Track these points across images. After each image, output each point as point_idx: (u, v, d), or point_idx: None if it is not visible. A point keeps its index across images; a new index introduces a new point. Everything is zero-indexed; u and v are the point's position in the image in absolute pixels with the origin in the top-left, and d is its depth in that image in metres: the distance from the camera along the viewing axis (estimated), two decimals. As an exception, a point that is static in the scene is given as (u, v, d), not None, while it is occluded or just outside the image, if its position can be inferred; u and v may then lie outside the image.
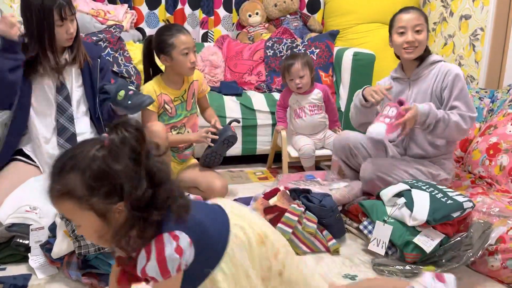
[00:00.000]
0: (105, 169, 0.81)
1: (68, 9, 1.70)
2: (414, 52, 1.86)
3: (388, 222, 1.53)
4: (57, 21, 1.68)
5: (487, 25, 2.64)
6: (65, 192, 0.81)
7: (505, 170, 1.93)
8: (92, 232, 0.85)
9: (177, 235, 0.86)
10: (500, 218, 1.52)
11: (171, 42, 1.93)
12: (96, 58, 1.92)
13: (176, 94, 2.06)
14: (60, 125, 1.83)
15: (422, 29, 1.84)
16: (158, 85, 2.04)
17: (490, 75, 2.68)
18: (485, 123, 2.27)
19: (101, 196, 0.81)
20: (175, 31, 1.95)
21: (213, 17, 3.22)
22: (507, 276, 1.39)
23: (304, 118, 2.34)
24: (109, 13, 2.88)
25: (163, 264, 0.84)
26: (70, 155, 0.83)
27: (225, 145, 2.04)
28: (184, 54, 1.94)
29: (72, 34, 1.75)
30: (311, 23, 3.35)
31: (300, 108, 2.35)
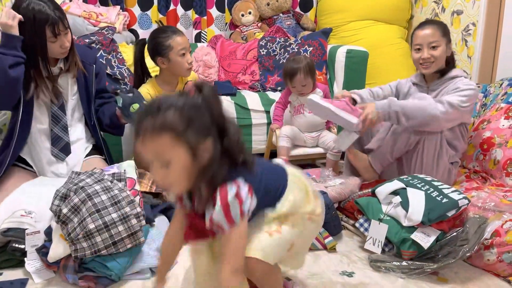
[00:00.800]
0: (199, 107, 0.91)
1: (62, 24, 1.67)
2: (431, 67, 1.94)
3: (383, 220, 1.54)
4: (50, 38, 1.66)
5: (479, 20, 2.66)
6: (165, 126, 0.88)
7: (499, 164, 1.95)
8: (180, 169, 0.91)
9: (239, 183, 0.94)
10: (495, 213, 1.53)
11: (168, 44, 1.94)
12: (91, 63, 1.90)
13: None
14: (54, 135, 1.82)
15: (438, 45, 1.90)
16: (153, 89, 2.03)
17: (483, 69, 2.70)
18: (479, 117, 2.28)
19: (195, 132, 0.89)
20: (171, 32, 1.96)
21: (205, 17, 3.21)
22: (503, 270, 1.40)
23: (305, 114, 2.30)
24: (101, 15, 2.87)
25: (227, 209, 0.92)
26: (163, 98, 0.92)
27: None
28: (181, 55, 1.96)
29: (66, 47, 1.73)
30: (304, 22, 3.35)
31: (300, 105, 2.32)
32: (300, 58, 2.22)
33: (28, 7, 1.63)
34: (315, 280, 1.41)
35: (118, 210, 1.36)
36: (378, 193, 1.63)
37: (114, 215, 1.35)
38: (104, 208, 1.34)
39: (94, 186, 1.39)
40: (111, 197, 1.37)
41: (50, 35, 1.65)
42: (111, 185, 1.42)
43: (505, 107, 2.10)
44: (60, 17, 1.67)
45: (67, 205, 1.35)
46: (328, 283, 1.39)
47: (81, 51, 1.88)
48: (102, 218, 1.33)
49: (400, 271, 1.44)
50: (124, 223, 1.35)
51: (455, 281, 1.41)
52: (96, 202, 1.35)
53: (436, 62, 1.92)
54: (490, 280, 1.41)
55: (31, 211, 1.49)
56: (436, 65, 1.93)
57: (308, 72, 2.21)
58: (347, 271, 1.46)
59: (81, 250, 1.32)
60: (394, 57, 3.06)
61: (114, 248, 1.34)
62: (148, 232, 1.49)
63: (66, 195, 1.39)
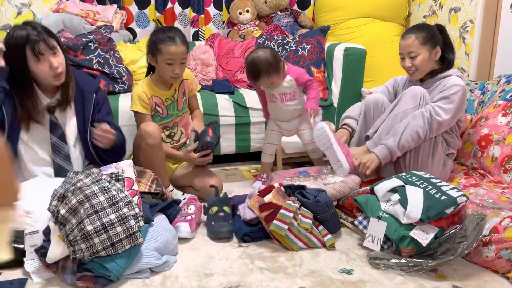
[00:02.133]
0: None
1: (44, 43, 1.58)
2: (415, 74, 1.99)
3: (382, 218, 1.54)
4: (32, 58, 1.59)
5: (476, 17, 2.66)
6: None
7: (497, 161, 1.95)
8: None
9: None
10: (493, 209, 1.54)
11: (159, 48, 1.91)
12: (91, 92, 1.83)
13: (166, 95, 2.05)
14: (57, 165, 1.76)
15: (416, 55, 1.93)
16: (148, 88, 2.02)
17: (480, 67, 2.70)
18: (476, 115, 2.29)
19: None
20: (168, 39, 1.90)
21: (203, 15, 3.21)
22: (502, 266, 1.41)
23: (276, 104, 2.20)
24: (98, 14, 2.86)
25: None
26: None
27: (203, 151, 2.01)
28: (167, 64, 1.93)
29: (57, 69, 1.63)
30: (302, 20, 3.35)
31: (272, 94, 2.21)
32: (258, 60, 2.04)
33: (12, 34, 1.58)
34: (315, 277, 1.41)
35: (116, 211, 1.36)
36: (376, 190, 1.63)
37: (112, 216, 1.35)
38: (102, 209, 1.34)
39: (92, 186, 1.39)
40: (109, 198, 1.37)
41: (30, 54, 1.57)
42: (109, 185, 1.42)
43: (502, 104, 2.10)
44: (43, 37, 1.59)
45: (65, 206, 1.34)
46: (327, 280, 1.40)
47: (81, 80, 1.82)
48: (100, 219, 1.33)
49: (399, 268, 1.44)
50: (123, 224, 1.35)
51: (454, 278, 1.41)
52: (94, 203, 1.34)
53: (419, 70, 1.96)
54: (488, 277, 1.42)
55: (29, 210, 1.49)
56: (419, 73, 1.98)
57: (271, 71, 2.06)
58: (346, 269, 1.47)
59: (79, 251, 1.32)
60: (392, 55, 3.06)
61: (112, 250, 1.33)
62: (146, 231, 1.49)
63: (64, 196, 1.38)
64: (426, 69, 1.97)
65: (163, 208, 1.68)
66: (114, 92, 2.54)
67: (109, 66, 2.54)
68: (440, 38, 1.96)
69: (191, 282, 1.39)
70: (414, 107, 1.90)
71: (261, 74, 2.05)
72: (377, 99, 2.12)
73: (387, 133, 1.94)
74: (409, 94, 1.93)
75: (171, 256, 1.50)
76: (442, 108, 1.86)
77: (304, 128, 2.24)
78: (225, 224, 1.70)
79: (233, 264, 1.50)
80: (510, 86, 2.15)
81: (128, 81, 2.61)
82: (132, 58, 2.70)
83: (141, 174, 1.70)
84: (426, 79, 2.02)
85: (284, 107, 2.18)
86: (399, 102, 1.96)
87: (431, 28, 1.98)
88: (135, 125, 2.35)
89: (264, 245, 1.63)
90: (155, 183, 1.72)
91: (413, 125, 1.85)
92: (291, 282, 1.38)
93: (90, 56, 2.51)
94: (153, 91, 2.02)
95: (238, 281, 1.39)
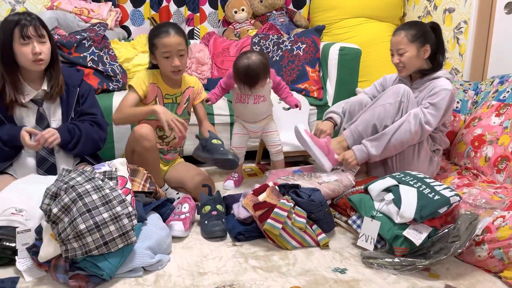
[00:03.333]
0: None
1: (33, 29, 1.65)
2: (403, 71, 2.00)
3: (376, 217, 1.55)
4: (19, 39, 1.64)
5: (471, 18, 2.67)
6: None
7: (490, 161, 1.96)
8: None
9: None
10: (486, 209, 1.55)
11: (155, 43, 1.90)
12: (75, 85, 1.86)
13: (169, 92, 2.02)
14: (40, 156, 1.80)
15: (404, 52, 1.95)
16: (153, 76, 1.99)
17: (474, 67, 2.72)
18: (470, 115, 2.30)
19: None
20: (162, 32, 1.89)
21: (198, 14, 3.20)
22: (494, 265, 1.42)
23: (247, 105, 2.17)
24: (92, 11, 2.85)
25: None
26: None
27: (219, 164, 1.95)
28: (164, 57, 1.89)
29: (39, 55, 1.67)
30: (297, 19, 3.35)
31: (246, 95, 2.15)
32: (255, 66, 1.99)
33: (7, 18, 1.65)
34: (308, 276, 1.41)
35: (109, 209, 1.35)
36: (370, 190, 1.63)
37: (105, 215, 1.34)
38: (95, 208, 1.33)
39: (84, 185, 1.38)
40: (102, 197, 1.36)
41: (17, 35, 1.64)
42: (102, 184, 1.41)
43: (496, 104, 2.11)
44: (34, 23, 1.66)
45: (57, 205, 1.33)
46: (321, 279, 1.40)
47: (66, 73, 1.85)
48: (93, 218, 1.32)
49: (392, 267, 1.45)
50: (116, 223, 1.34)
51: (447, 277, 1.42)
52: (86, 201, 1.33)
53: (406, 67, 1.98)
54: (481, 276, 1.43)
55: (22, 209, 1.48)
56: (407, 70, 1.99)
57: (267, 75, 2.06)
58: (340, 268, 1.47)
59: (71, 250, 1.31)
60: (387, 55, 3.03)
61: (105, 248, 1.33)
62: (140, 230, 1.48)
63: (56, 194, 1.37)
64: (414, 66, 1.98)
65: (156, 206, 1.67)
66: (108, 90, 2.52)
67: (103, 64, 2.53)
68: (431, 37, 1.97)
69: (184, 281, 1.38)
70: (394, 102, 1.91)
71: (259, 79, 2.04)
72: (360, 100, 2.14)
73: (364, 125, 1.96)
74: (392, 90, 1.95)
75: (164, 255, 1.50)
76: (432, 115, 1.87)
77: (270, 130, 2.25)
78: (218, 223, 1.70)
79: (227, 263, 1.50)
80: (504, 87, 2.16)
81: (122, 79, 2.60)
82: (126, 56, 2.69)
83: (134, 172, 1.69)
84: (416, 79, 2.03)
85: (255, 108, 2.17)
86: (381, 96, 1.98)
87: (422, 26, 1.98)
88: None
89: (258, 244, 1.63)
90: (149, 181, 1.71)
91: (401, 136, 1.87)
92: (284, 281, 1.38)
93: (84, 53, 2.50)
94: (157, 81, 1.99)
95: (232, 280, 1.39)
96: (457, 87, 2.43)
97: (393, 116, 1.92)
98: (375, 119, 1.94)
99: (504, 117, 2.02)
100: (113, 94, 2.47)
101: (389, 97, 1.93)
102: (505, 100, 2.09)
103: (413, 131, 1.86)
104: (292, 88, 2.74)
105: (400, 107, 1.91)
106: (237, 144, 2.27)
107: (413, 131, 1.86)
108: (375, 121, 1.94)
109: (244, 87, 2.06)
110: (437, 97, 1.89)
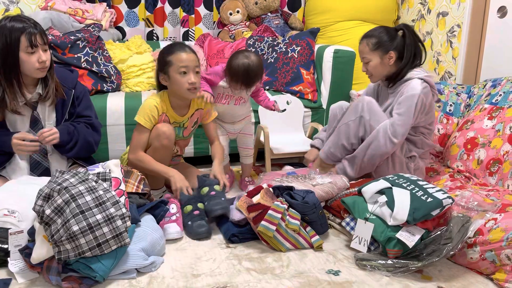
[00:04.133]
0: None
1: (40, 37, 1.66)
2: (372, 78, 2.05)
3: (369, 219, 1.55)
4: (26, 48, 1.63)
5: (464, 21, 2.70)
6: None
7: (483, 164, 1.98)
8: None
9: None
10: (478, 212, 1.56)
11: (169, 59, 1.82)
12: (70, 88, 1.84)
13: (176, 119, 1.96)
14: (33, 160, 1.79)
15: (367, 60, 1.99)
16: (163, 104, 1.91)
17: (467, 71, 2.74)
18: (463, 118, 2.32)
19: None
20: (177, 49, 1.84)
21: (193, 15, 3.20)
22: (486, 267, 1.43)
23: (228, 106, 2.15)
24: (87, 12, 2.84)
25: None
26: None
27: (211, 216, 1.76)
28: (181, 73, 1.82)
29: (44, 63, 1.68)
30: (292, 21, 3.36)
31: (228, 95, 2.13)
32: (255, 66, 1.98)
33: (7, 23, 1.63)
34: (302, 278, 1.41)
35: (103, 211, 1.35)
36: (364, 192, 1.64)
37: (99, 217, 1.33)
38: (89, 210, 1.33)
39: (78, 186, 1.37)
40: (95, 198, 1.36)
41: (26, 44, 1.63)
42: (96, 185, 1.41)
43: (488, 107, 2.13)
44: (40, 31, 1.66)
45: (50, 206, 1.33)
46: (315, 281, 1.40)
47: (60, 75, 1.83)
48: (86, 219, 1.31)
49: (385, 269, 1.45)
50: (109, 224, 1.34)
51: (439, 279, 1.43)
52: (80, 203, 1.33)
53: (374, 74, 2.01)
54: (473, 278, 1.44)
55: (14, 210, 1.46)
56: (375, 77, 2.02)
57: (262, 75, 2.07)
58: (333, 270, 1.48)
59: (64, 252, 1.30)
60: (381, 58, 3.09)
61: (98, 250, 1.32)
62: (133, 232, 1.48)
63: (49, 195, 1.37)
64: (380, 73, 2.00)
65: (150, 208, 1.67)
66: (102, 91, 2.52)
67: (97, 65, 2.52)
68: (395, 43, 1.94)
69: (178, 282, 1.38)
70: (355, 118, 1.94)
71: (258, 79, 2.04)
72: (341, 105, 2.17)
73: (334, 146, 2.01)
74: (352, 106, 1.99)
75: (158, 256, 1.50)
76: (400, 125, 1.85)
77: (247, 132, 2.27)
78: (203, 223, 1.68)
79: (221, 264, 1.50)
80: (496, 90, 2.18)
81: (117, 80, 2.60)
82: (121, 57, 2.68)
83: (128, 174, 1.69)
84: (391, 83, 2.01)
85: (235, 109, 2.17)
86: (344, 114, 2.03)
87: (384, 33, 1.96)
88: (123, 124, 2.34)
89: (252, 246, 1.63)
90: (142, 183, 1.71)
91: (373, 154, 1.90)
92: (278, 283, 1.38)
93: (78, 54, 2.49)
94: (165, 109, 1.92)
95: (225, 282, 1.39)
96: (450, 90, 2.45)
97: (356, 133, 1.95)
98: (342, 139, 1.98)
99: (497, 120, 2.04)
100: (107, 95, 2.46)
101: (350, 115, 1.97)
102: (498, 103, 2.10)
103: (383, 148, 1.87)
104: (287, 90, 2.75)
105: (361, 122, 1.93)
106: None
107: (383, 147, 1.87)
108: (342, 141, 1.98)
109: (241, 87, 2.03)
110: (402, 106, 1.88)
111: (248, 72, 1.98)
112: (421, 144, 2.00)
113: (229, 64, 2.03)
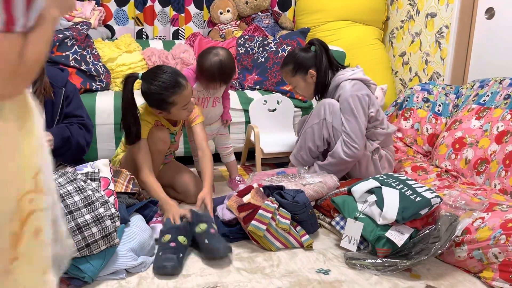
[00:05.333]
0: None
1: None
2: (306, 98, 2.27)
3: (359, 218, 1.56)
4: None
5: (452, 22, 2.72)
6: None
7: (470, 163, 2.00)
8: None
9: None
10: (466, 211, 1.58)
11: (172, 101, 1.76)
12: (61, 86, 1.80)
13: (170, 128, 1.96)
14: None
15: (294, 85, 2.11)
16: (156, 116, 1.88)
17: (455, 71, 2.77)
18: (451, 118, 2.34)
19: None
20: (176, 86, 1.74)
21: (183, 14, 3.19)
22: (474, 266, 1.44)
23: (205, 108, 2.11)
24: (75, 10, 2.81)
25: None
26: None
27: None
28: (184, 109, 1.82)
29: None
30: (282, 21, 3.36)
31: (205, 97, 2.09)
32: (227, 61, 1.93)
33: None
34: (292, 278, 1.42)
35: (92, 211, 1.33)
36: (354, 191, 1.65)
37: (88, 217, 1.32)
38: (77, 210, 1.31)
39: (66, 186, 1.36)
40: (84, 198, 1.35)
41: None
42: (85, 185, 1.39)
43: (476, 108, 2.16)
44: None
45: (39, 205, 1.31)
46: (305, 280, 1.40)
47: (51, 73, 1.79)
48: (74, 220, 1.30)
49: (375, 268, 1.46)
50: (98, 224, 1.33)
51: (428, 277, 1.44)
52: (68, 203, 1.31)
53: (305, 95, 2.15)
54: (461, 276, 1.45)
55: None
56: (308, 96, 2.17)
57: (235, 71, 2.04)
58: (323, 269, 1.48)
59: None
60: (371, 58, 3.11)
61: (87, 251, 1.31)
62: (123, 232, 1.46)
63: (38, 195, 1.35)
64: (310, 92, 2.11)
65: (139, 208, 1.65)
66: (91, 90, 2.49)
67: (86, 64, 2.50)
68: (311, 60, 2.04)
69: (167, 283, 1.37)
70: (319, 121, 2.00)
71: (233, 72, 2.01)
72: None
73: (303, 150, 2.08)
74: (315, 110, 2.05)
75: (147, 256, 1.49)
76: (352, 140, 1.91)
77: (223, 132, 2.28)
78: (173, 257, 1.43)
79: (211, 264, 1.49)
80: (484, 91, 2.21)
81: (106, 79, 2.57)
82: (110, 56, 2.66)
83: (117, 173, 1.68)
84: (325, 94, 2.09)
85: (212, 111, 2.17)
86: (308, 118, 2.08)
87: (298, 56, 2.05)
88: (112, 123, 2.33)
89: (242, 246, 1.63)
90: (132, 183, 1.69)
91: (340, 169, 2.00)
92: (268, 283, 1.38)
93: (67, 52, 2.46)
94: (159, 119, 1.90)
95: (216, 282, 1.39)
96: (439, 91, 2.48)
97: (320, 135, 2.02)
98: (309, 142, 2.04)
99: (484, 120, 2.06)
100: (96, 94, 2.44)
101: (313, 118, 2.03)
102: (485, 103, 2.13)
103: (345, 165, 1.98)
104: (277, 90, 2.76)
105: (325, 124, 1.99)
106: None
107: (345, 165, 1.98)
108: (309, 144, 2.05)
109: (220, 85, 2.00)
110: (345, 112, 1.94)
111: (222, 69, 1.93)
112: (375, 136, 2.05)
113: (200, 67, 1.96)
